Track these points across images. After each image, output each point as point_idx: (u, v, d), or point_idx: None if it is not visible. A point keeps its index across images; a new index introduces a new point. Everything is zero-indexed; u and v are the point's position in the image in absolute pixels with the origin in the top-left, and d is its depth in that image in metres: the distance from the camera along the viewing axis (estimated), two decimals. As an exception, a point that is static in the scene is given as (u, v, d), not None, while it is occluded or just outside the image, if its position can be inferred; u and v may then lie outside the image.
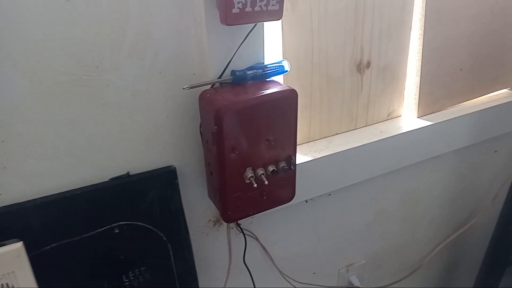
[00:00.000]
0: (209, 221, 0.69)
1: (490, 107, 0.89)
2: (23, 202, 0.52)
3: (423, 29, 0.75)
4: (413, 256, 1.04)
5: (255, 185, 0.54)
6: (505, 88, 0.95)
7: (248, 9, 0.46)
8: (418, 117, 0.83)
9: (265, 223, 0.74)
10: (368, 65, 0.74)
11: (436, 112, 0.85)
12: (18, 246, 0.49)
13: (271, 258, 0.78)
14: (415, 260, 1.04)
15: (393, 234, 0.96)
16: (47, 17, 0.45)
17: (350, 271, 0.95)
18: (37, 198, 0.52)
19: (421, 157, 0.85)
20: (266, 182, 0.55)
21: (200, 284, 0.69)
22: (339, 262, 0.92)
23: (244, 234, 0.70)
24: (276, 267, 0.79)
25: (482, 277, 0.96)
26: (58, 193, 0.53)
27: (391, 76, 0.78)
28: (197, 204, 0.65)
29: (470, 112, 0.86)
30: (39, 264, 0.53)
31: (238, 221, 0.68)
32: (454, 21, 0.78)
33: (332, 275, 0.92)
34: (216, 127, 0.50)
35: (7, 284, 0.49)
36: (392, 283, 1.01)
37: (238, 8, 0.45)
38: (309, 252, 0.85)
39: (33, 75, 0.47)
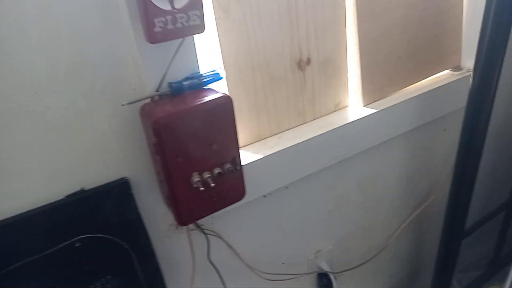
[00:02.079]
0: (171, 225, 0.72)
1: (433, 89, 0.94)
2: (-20, 227, 0.54)
3: (356, 22, 0.79)
4: (379, 237, 1.09)
5: (202, 188, 0.58)
6: (446, 70, 1.00)
7: (170, 26, 0.49)
8: (364, 106, 0.87)
9: (227, 222, 0.78)
10: (308, 61, 0.78)
11: (381, 99, 0.89)
12: (-22, 270, 0.52)
13: (238, 254, 0.81)
14: (382, 240, 1.09)
15: (356, 218, 1.01)
16: (-21, 52, 0.47)
17: (319, 257, 0.99)
18: (-5, 222, 0.55)
19: (371, 143, 0.89)
20: (213, 184, 0.59)
21: (168, 285, 0.72)
22: (307, 250, 0.96)
23: (205, 234, 0.73)
24: (244, 262, 0.83)
25: (442, 251, 1.01)
26: (15, 215, 0.56)
27: (333, 69, 0.82)
28: (155, 211, 0.69)
29: (414, 96, 0.91)
30: (6, 284, 0.55)
31: (199, 222, 0.72)
32: (387, 11, 0.82)
33: (302, 263, 0.97)
34: (155, 139, 0.53)
35: (-29, 307, 0.52)
36: (361, 264, 1.05)
37: (159, 27, 0.48)
38: (275, 244, 0.89)
39: (-26, 106, 0.49)
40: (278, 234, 0.88)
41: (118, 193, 0.62)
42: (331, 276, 0.99)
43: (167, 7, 0.48)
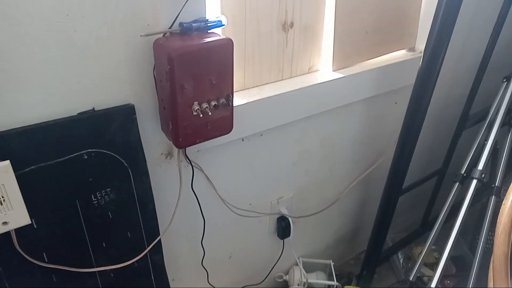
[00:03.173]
0: (162, 154, 0.82)
1: (390, 64, 1.09)
2: (5, 130, 0.62)
3: (335, -5, 0.92)
4: (332, 192, 1.25)
5: (201, 115, 0.69)
6: (403, 49, 1.16)
7: (193, -29, 0.59)
8: (333, 71, 1.01)
9: (209, 158, 0.89)
10: (291, 25, 0.90)
11: (347, 67, 1.03)
12: (6, 164, 0.60)
13: (215, 187, 0.93)
14: (334, 195, 1.25)
15: (315, 172, 1.16)
16: (27, -30, 0.55)
17: (280, 203, 1.13)
18: (17, 127, 0.62)
19: (335, 104, 1.03)
20: (210, 113, 0.69)
21: (156, 204, 0.82)
22: (271, 195, 1.10)
23: (191, 164, 0.84)
24: (219, 195, 0.94)
25: (382, 204, 1.19)
26: (35, 123, 0.64)
27: (311, 35, 0.95)
28: (151, 138, 0.78)
29: (374, 68, 1.06)
30: (21, 184, 0.63)
31: (186, 153, 0.82)
32: (360, -10, 0.96)
33: (265, 206, 1.10)
34: (169, 67, 0.63)
35: (-3, 195, 0.60)
36: (314, 213, 1.21)
37: (186, -31, 0.58)
38: (246, 185, 1.01)
39: (13, 20, 0.56)
40: (250, 176, 1.01)
41: (124, 116, 0.71)
42: (290, 220, 1.14)
43: (193, -46, 0.58)
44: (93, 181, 0.72)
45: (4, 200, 0.61)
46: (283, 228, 1.15)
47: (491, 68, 1.14)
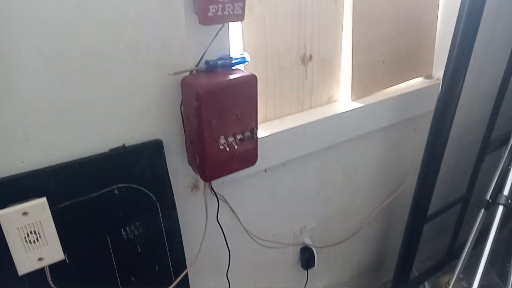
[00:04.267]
0: (188, 187, 0.84)
1: (408, 92, 1.11)
2: (42, 168, 0.64)
3: (352, 29, 0.95)
4: (354, 220, 1.24)
5: (227, 149, 0.71)
6: (419, 77, 1.17)
7: (219, 13, 0.62)
8: (352, 101, 1.03)
9: (233, 189, 0.90)
10: (310, 58, 0.93)
11: (366, 96, 1.05)
12: (43, 200, 0.62)
13: (239, 219, 0.94)
14: (356, 223, 1.24)
15: (337, 201, 1.16)
16: (65, 18, 0.58)
17: (303, 233, 1.13)
18: (53, 165, 0.65)
19: (355, 133, 1.04)
20: (236, 146, 0.71)
21: (182, 237, 0.83)
22: (294, 225, 1.10)
23: (217, 196, 0.85)
24: (243, 226, 0.95)
25: (407, 233, 1.17)
26: (70, 160, 0.67)
27: (329, 67, 0.97)
28: (178, 172, 0.80)
29: (392, 96, 1.07)
30: (55, 219, 0.65)
31: (212, 186, 0.84)
32: (376, 22, 0.99)
33: (288, 237, 1.10)
34: (197, 103, 0.66)
35: (34, 231, 0.62)
36: (338, 243, 1.20)
37: (212, 12, 0.61)
38: (269, 215, 1.02)
39: (53, 63, 0.60)
40: (273, 207, 1.01)
41: (153, 151, 0.74)
42: (314, 250, 1.13)
43: (219, -3, 0.61)
44: (123, 215, 0.74)
45: (40, 236, 0.63)
46: (306, 258, 1.14)
47: (511, 91, 1.14)
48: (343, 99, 1.03)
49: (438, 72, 1.18)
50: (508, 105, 1.18)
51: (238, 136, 0.73)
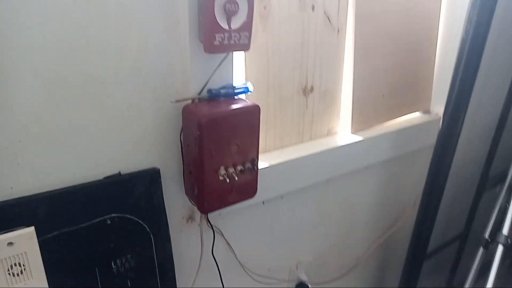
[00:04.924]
0: (183, 218, 0.80)
1: (407, 126, 1.10)
2: (32, 195, 0.61)
3: (353, 62, 0.95)
4: (351, 255, 1.21)
5: (227, 180, 0.68)
6: (417, 112, 1.17)
7: (225, 42, 0.61)
8: (351, 133, 1.01)
9: (229, 221, 0.87)
10: (312, 89, 0.92)
11: (366, 129, 1.04)
12: (30, 230, 0.58)
13: (234, 252, 0.90)
14: (353, 259, 1.21)
15: (334, 235, 1.13)
16: (68, 41, 0.57)
17: (299, 268, 1.09)
18: (44, 192, 0.62)
19: (354, 166, 1.03)
20: (237, 178, 0.69)
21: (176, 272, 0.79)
22: (290, 259, 1.06)
23: (213, 229, 0.82)
24: (238, 261, 0.91)
25: (405, 270, 1.14)
26: (61, 188, 0.63)
27: (330, 99, 0.97)
28: (174, 202, 0.77)
29: (392, 130, 1.06)
30: (42, 249, 0.61)
31: (208, 217, 0.81)
32: (377, 56, 0.99)
33: (284, 271, 1.06)
34: (198, 132, 0.63)
35: (19, 263, 0.58)
36: (334, 279, 1.16)
37: (218, 41, 0.60)
38: (265, 249, 0.98)
39: (51, 88, 0.58)
40: (269, 240, 0.98)
41: (149, 180, 0.71)
42: (309, 287, 1.09)
43: (226, 26, 0.60)
44: (114, 247, 0.70)
45: (25, 268, 0.59)
46: (302, 295, 1.10)
47: (509, 127, 1.15)
48: (343, 132, 1.02)
49: (436, 107, 1.18)
50: (506, 142, 1.18)
51: (239, 167, 0.70)
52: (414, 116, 1.16)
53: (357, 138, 1.00)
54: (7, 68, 0.54)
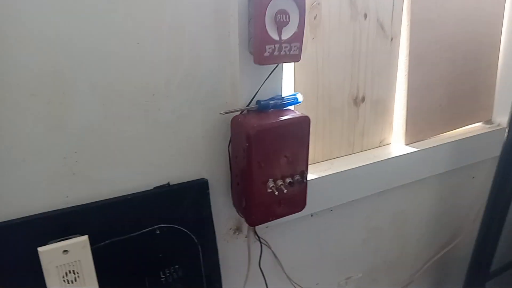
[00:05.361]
0: (230, 229, 0.80)
1: (467, 137, 1.03)
2: (85, 204, 0.63)
3: (407, 71, 0.90)
4: (404, 273, 1.15)
5: (277, 193, 0.67)
6: (478, 122, 1.10)
7: (276, 53, 0.60)
8: (405, 145, 0.97)
9: (277, 233, 0.85)
10: (363, 99, 0.89)
11: (421, 140, 0.99)
12: (84, 239, 0.60)
13: (281, 265, 0.88)
14: (406, 276, 1.15)
15: (385, 251, 1.08)
16: (123, 55, 0.58)
17: (348, 283, 1.05)
18: (97, 201, 0.63)
19: (408, 179, 0.98)
20: (285, 191, 0.67)
21: (223, 284, 0.79)
22: (339, 274, 1.03)
23: (260, 241, 0.81)
24: (286, 274, 0.89)
25: (466, 290, 1.06)
26: (113, 197, 0.65)
27: (382, 109, 0.93)
28: (221, 213, 0.77)
29: (449, 141, 1.00)
30: (94, 257, 0.63)
31: (255, 229, 0.79)
32: (433, 64, 0.94)
33: (332, 286, 1.02)
34: (247, 144, 0.63)
35: (73, 271, 0.60)
36: (386, 297, 1.11)
37: (268, 52, 0.59)
38: (313, 263, 0.95)
39: (107, 100, 0.59)
40: (317, 254, 0.95)
41: (198, 191, 0.71)
42: (359, 303, 1.04)
43: (276, 37, 0.59)
44: (163, 257, 0.70)
45: (78, 276, 0.60)
46: (351, 312, 1.05)
47: None
48: (395, 143, 0.98)
49: (499, 117, 1.10)
50: None
51: (288, 180, 0.69)
52: (475, 127, 1.09)
53: (411, 149, 0.95)
54: (68, 81, 0.56)
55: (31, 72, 0.54)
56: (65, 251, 0.58)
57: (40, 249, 0.57)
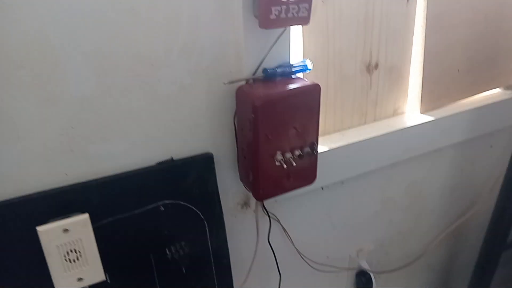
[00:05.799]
0: (238, 204, 0.77)
1: (485, 105, 0.98)
2: (86, 181, 0.60)
3: (424, 34, 0.84)
4: (417, 244, 1.12)
5: (285, 166, 0.63)
6: (498, 88, 1.04)
7: (282, 15, 0.55)
8: (421, 113, 0.92)
9: (286, 207, 0.83)
10: (376, 66, 0.84)
11: (437, 109, 0.94)
12: (85, 217, 0.58)
13: (291, 239, 0.86)
14: (419, 248, 1.13)
15: (399, 222, 1.05)
16: (116, 21, 0.54)
17: (360, 256, 1.03)
18: (98, 178, 0.61)
19: (424, 149, 0.93)
20: (294, 164, 0.64)
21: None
22: (350, 247, 1.00)
23: (269, 216, 0.78)
24: (296, 248, 0.87)
25: (481, 261, 1.04)
26: (115, 174, 0.62)
27: (397, 76, 0.87)
28: (228, 188, 0.74)
29: (467, 109, 0.95)
30: (97, 236, 0.61)
31: (263, 204, 0.77)
32: (452, 26, 0.88)
33: (344, 260, 1.01)
34: (253, 115, 0.59)
35: (75, 250, 0.58)
36: (398, 269, 1.09)
37: (275, 14, 0.54)
38: (324, 236, 0.93)
39: (101, 70, 0.55)
40: (328, 227, 0.92)
41: (202, 166, 0.68)
42: (371, 275, 1.02)
43: (283, -3, 0.54)
44: (168, 234, 0.68)
45: (80, 255, 0.58)
46: (363, 283, 1.04)
47: None
48: (411, 112, 0.93)
49: (521, 82, 1.04)
50: None
51: (297, 152, 0.65)
52: (494, 93, 1.03)
53: (427, 118, 0.90)
54: (59, 51, 0.52)
55: (16, 41, 0.50)
56: (66, 230, 0.56)
57: (39, 228, 0.55)
